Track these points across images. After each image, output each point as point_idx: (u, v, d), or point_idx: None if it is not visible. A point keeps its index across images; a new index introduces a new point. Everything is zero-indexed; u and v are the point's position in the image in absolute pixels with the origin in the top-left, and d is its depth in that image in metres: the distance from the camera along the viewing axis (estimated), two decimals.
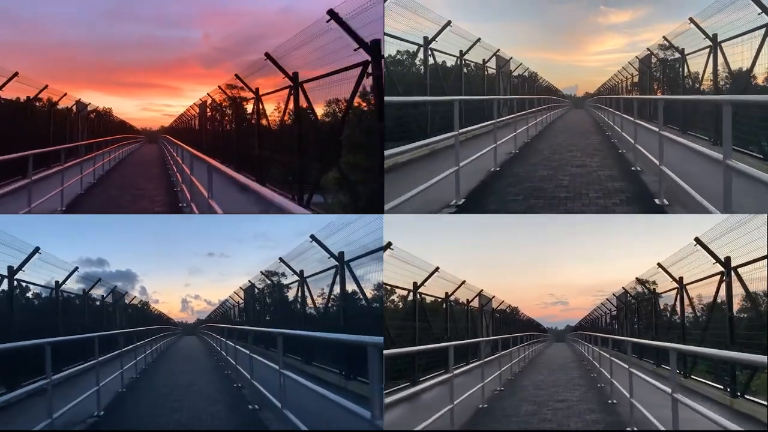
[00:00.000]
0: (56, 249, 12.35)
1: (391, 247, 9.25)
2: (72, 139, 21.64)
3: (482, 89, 19.19)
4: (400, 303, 11.26)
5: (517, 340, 15.44)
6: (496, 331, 18.92)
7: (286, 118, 12.63)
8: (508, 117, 15.39)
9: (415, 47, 14.05)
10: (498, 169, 9.67)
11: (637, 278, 15.35)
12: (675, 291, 11.97)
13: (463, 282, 14.04)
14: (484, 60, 19.72)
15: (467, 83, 17.55)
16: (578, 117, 31.77)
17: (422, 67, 14.31)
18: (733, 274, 8.86)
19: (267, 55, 11.92)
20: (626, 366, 7.31)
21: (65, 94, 21.88)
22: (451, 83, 16.32)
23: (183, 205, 10.51)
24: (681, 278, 11.61)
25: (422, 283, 11.18)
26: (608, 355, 9.70)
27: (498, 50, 20.97)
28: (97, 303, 17.25)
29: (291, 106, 11.93)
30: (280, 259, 13.23)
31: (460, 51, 17.00)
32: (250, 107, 16.08)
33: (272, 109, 14.21)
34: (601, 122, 22.27)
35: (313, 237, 10.15)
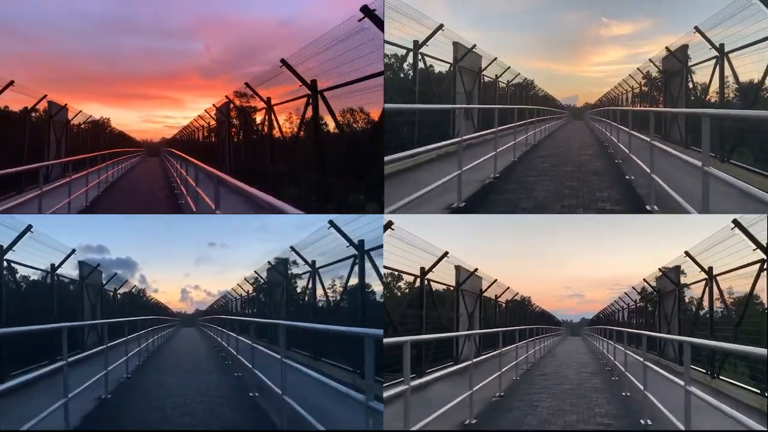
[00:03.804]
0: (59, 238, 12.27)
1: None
2: (34, 156, 15.38)
3: (416, 93, 12.57)
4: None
5: (503, 337, 9.23)
6: (487, 324, 14.75)
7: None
8: (468, 137, 9.40)
9: None
10: None
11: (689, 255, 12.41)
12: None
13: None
14: (417, 43, 12.50)
15: (396, 81, 12.06)
16: (577, 133, 24.73)
17: None
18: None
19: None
20: None
21: (11, 83, 14.60)
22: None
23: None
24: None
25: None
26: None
27: (441, 26, 13.03)
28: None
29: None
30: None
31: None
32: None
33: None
34: (610, 145, 14.95)
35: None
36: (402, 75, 12.86)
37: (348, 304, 10.29)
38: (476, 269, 13.34)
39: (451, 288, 12.28)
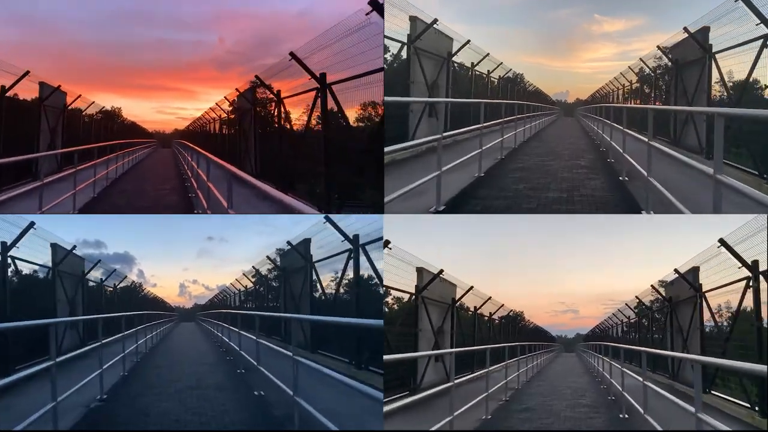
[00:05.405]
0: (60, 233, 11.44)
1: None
2: (18, 148, 13.10)
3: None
4: None
5: (476, 359, 8.58)
6: (463, 341, 12.66)
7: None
8: (417, 143, 8.50)
9: None
10: None
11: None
12: None
13: None
14: None
15: None
16: (568, 134, 21.28)
17: None
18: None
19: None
20: None
21: None
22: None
23: None
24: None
25: None
26: None
27: None
28: None
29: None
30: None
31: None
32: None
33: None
34: (609, 151, 11.83)
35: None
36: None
37: None
38: (441, 270, 10.71)
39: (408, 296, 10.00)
